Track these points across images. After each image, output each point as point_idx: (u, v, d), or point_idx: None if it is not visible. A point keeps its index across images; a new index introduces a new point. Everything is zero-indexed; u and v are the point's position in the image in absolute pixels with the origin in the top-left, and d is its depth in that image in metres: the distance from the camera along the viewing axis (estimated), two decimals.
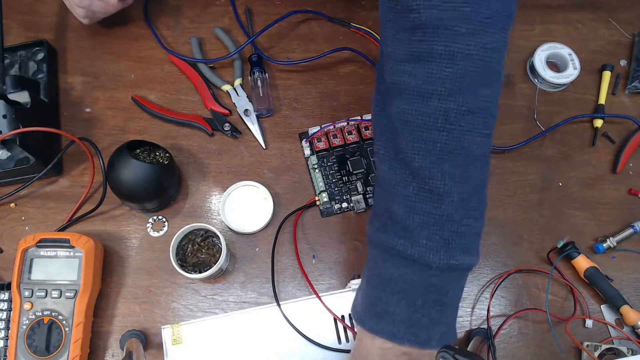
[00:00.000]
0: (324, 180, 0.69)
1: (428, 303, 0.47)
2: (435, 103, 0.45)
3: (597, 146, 0.73)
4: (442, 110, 0.44)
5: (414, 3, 0.43)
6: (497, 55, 0.45)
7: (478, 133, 0.46)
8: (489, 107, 0.46)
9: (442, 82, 0.44)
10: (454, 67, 0.43)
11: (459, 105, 0.44)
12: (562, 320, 0.64)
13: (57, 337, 0.58)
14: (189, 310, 0.64)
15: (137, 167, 0.61)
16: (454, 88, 0.44)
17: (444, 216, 0.46)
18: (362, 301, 0.51)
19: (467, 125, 0.45)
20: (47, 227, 0.66)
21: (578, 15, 0.80)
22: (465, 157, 0.45)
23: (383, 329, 0.48)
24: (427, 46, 0.44)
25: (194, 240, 0.63)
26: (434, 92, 0.44)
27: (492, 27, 0.44)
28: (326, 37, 0.77)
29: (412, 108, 0.46)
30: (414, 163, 0.46)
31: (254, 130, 0.71)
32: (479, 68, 0.44)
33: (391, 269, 0.48)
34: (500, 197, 0.70)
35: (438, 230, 0.46)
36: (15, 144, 0.62)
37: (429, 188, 0.46)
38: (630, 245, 0.68)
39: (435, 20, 0.43)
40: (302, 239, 0.67)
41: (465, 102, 0.44)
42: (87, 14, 0.70)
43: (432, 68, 0.44)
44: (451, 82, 0.44)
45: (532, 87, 0.76)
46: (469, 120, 0.45)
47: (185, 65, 0.74)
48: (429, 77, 0.44)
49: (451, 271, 0.46)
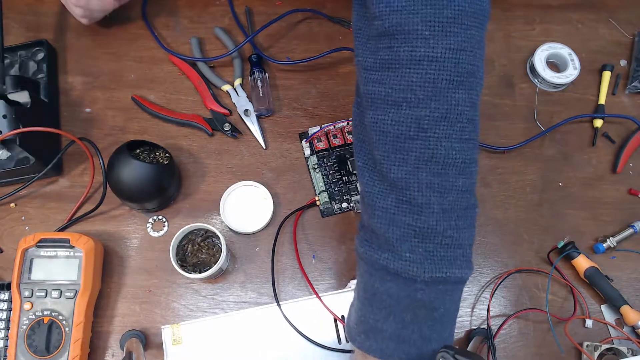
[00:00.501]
0: (324, 180, 0.69)
1: (418, 319, 0.45)
2: (407, 111, 0.43)
3: (597, 146, 0.73)
4: (414, 118, 0.43)
5: (377, 9, 0.43)
6: (467, 56, 0.43)
7: (456, 139, 0.44)
8: (465, 112, 0.44)
9: (411, 89, 0.43)
10: (421, 72, 0.42)
11: (431, 111, 0.43)
12: (562, 320, 0.64)
13: (57, 337, 0.58)
14: (189, 310, 0.64)
15: (137, 167, 0.61)
16: (424, 94, 0.43)
17: (424, 228, 0.44)
18: (354, 316, 0.49)
19: (443, 132, 0.43)
20: (47, 227, 0.66)
21: (578, 15, 0.80)
22: (443, 165, 0.44)
23: (372, 345, 0.47)
24: (393, 53, 0.43)
25: (194, 240, 0.63)
26: (404, 100, 0.43)
27: (456, 27, 0.42)
28: (326, 37, 0.77)
29: (385, 117, 0.45)
30: (391, 174, 0.45)
31: (254, 130, 0.71)
32: (448, 71, 0.42)
33: (376, 284, 0.46)
34: (500, 197, 0.70)
35: (420, 243, 0.44)
36: (15, 144, 0.62)
37: (407, 199, 0.44)
38: (630, 245, 0.68)
39: (398, 26, 0.42)
40: (302, 239, 0.67)
41: (437, 108, 0.43)
42: (85, 13, 0.69)
43: (400, 75, 0.43)
44: (420, 89, 0.43)
45: (532, 87, 0.76)
46: (444, 126, 0.43)
47: (185, 65, 0.74)
48: (398, 84, 0.43)
49: (438, 284, 0.45)
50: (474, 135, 0.46)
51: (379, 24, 0.43)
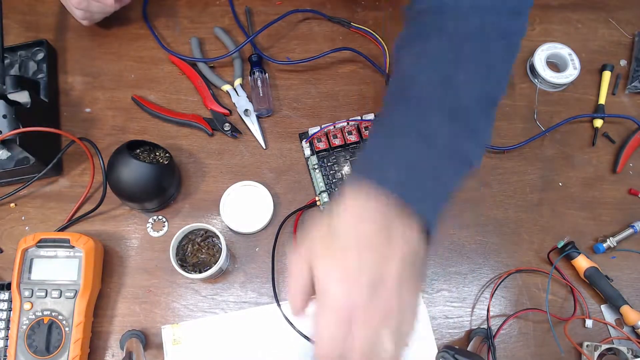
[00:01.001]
0: (325, 180, 0.69)
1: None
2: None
3: (597, 146, 0.73)
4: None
5: None
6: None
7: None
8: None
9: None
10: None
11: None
12: (562, 320, 0.64)
13: (57, 337, 0.58)
14: (189, 310, 0.64)
15: (137, 167, 0.61)
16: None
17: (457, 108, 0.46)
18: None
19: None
20: (47, 227, 0.66)
21: (578, 15, 0.80)
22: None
23: (370, 169, 0.44)
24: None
25: (194, 240, 0.63)
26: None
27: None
28: (326, 37, 0.77)
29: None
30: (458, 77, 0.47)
31: (254, 130, 0.71)
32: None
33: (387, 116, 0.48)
34: (500, 197, 0.70)
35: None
36: (15, 144, 0.62)
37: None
38: (630, 245, 0.68)
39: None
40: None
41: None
42: (85, 15, 0.70)
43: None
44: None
45: (532, 87, 0.76)
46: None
47: (185, 65, 0.74)
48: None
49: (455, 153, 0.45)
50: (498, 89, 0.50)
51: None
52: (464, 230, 0.68)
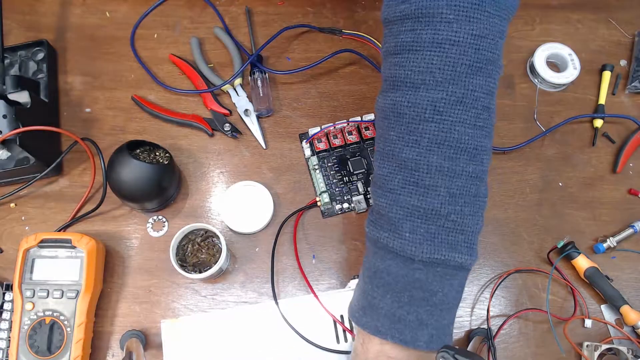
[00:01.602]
0: (325, 181, 0.69)
1: (415, 301, 0.45)
2: (424, 93, 0.44)
3: (597, 146, 0.73)
4: (431, 101, 0.44)
5: None
6: (488, 44, 0.44)
7: (470, 125, 0.44)
8: (481, 98, 0.45)
9: (431, 71, 0.43)
10: (442, 55, 0.43)
11: (448, 95, 0.43)
12: (562, 320, 0.64)
13: (59, 338, 0.58)
14: (189, 310, 0.64)
15: (137, 167, 0.61)
16: (442, 77, 0.43)
17: (428, 210, 0.45)
18: (356, 294, 0.51)
19: (457, 116, 0.44)
20: (47, 227, 0.66)
21: (578, 15, 0.80)
22: (455, 149, 0.44)
23: (368, 322, 0.47)
24: (416, 35, 0.44)
25: (194, 240, 0.63)
26: (422, 82, 0.44)
27: (480, 14, 0.43)
28: (326, 37, 0.77)
29: (403, 99, 0.45)
30: (402, 154, 0.45)
31: (254, 130, 0.71)
32: (469, 56, 0.43)
33: (378, 262, 0.47)
34: (500, 197, 0.70)
35: (422, 224, 0.45)
36: (15, 144, 0.62)
37: (415, 180, 0.45)
38: (630, 245, 0.68)
39: (423, 8, 0.43)
40: (302, 239, 0.67)
41: (454, 91, 0.43)
42: None
43: (420, 57, 0.44)
44: (440, 72, 0.43)
45: (532, 87, 0.76)
46: (459, 111, 0.44)
47: (185, 65, 0.74)
48: (418, 67, 0.44)
49: (436, 267, 0.45)
50: (488, 123, 0.46)
51: (406, 7, 0.44)
52: None
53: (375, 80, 0.75)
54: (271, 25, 0.77)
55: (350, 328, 0.60)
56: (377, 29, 0.77)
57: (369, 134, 0.70)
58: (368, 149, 0.71)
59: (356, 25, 0.78)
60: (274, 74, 0.74)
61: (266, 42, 0.73)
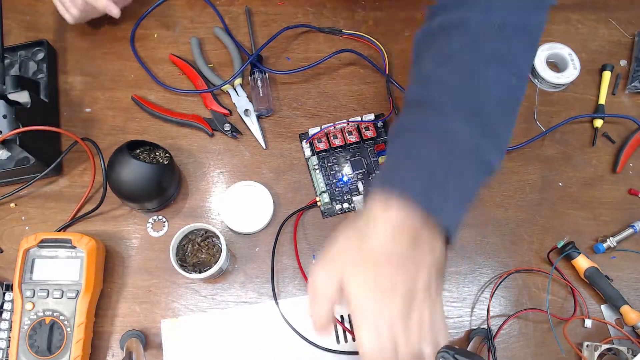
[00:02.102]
0: (325, 181, 0.69)
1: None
2: (496, 12, 0.47)
3: (597, 146, 0.73)
4: (500, 21, 0.46)
5: None
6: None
7: (528, 57, 0.49)
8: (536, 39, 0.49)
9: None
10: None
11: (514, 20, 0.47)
12: (562, 320, 0.64)
13: (59, 338, 0.58)
14: (189, 310, 0.64)
15: (137, 167, 0.61)
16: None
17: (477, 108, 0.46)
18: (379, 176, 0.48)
19: (520, 43, 0.47)
20: (47, 227, 0.66)
21: (578, 15, 0.80)
22: (510, 68, 0.46)
23: (394, 180, 0.44)
24: None
25: (194, 240, 0.63)
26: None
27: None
28: (326, 37, 0.77)
29: (472, 15, 0.47)
30: (461, 57, 0.46)
31: (254, 130, 0.71)
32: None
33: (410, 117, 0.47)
34: (500, 197, 0.70)
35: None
36: (15, 144, 0.62)
37: (467, 79, 0.46)
38: (630, 245, 0.68)
39: None
40: (302, 239, 0.67)
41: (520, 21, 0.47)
42: (81, 17, 0.71)
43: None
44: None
45: (532, 87, 0.76)
46: (521, 39, 0.47)
47: (185, 65, 0.74)
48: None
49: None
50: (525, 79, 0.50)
51: None
52: (464, 230, 0.68)
53: (375, 80, 0.75)
54: (271, 25, 0.78)
55: (351, 328, 0.60)
56: (377, 29, 0.77)
57: (369, 134, 0.70)
58: (368, 149, 0.71)
59: (356, 25, 0.78)
60: (274, 74, 0.74)
61: (266, 42, 0.73)
